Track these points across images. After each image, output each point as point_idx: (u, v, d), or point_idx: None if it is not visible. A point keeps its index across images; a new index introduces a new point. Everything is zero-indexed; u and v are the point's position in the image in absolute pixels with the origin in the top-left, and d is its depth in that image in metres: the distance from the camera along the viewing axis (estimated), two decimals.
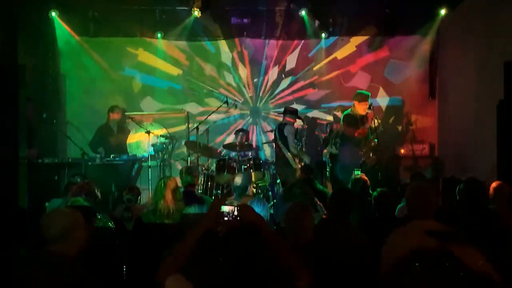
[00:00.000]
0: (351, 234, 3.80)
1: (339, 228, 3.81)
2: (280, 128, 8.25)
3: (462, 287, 1.32)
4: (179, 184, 5.93)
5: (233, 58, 9.76)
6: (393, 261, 3.37)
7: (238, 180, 5.91)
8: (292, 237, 3.31)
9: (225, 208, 2.58)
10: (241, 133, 8.75)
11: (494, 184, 4.65)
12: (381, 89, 9.70)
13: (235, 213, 2.54)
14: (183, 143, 9.12)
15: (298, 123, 8.43)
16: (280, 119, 8.56)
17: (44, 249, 2.90)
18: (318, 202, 5.36)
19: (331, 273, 3.19)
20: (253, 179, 7.91)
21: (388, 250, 3.26)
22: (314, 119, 9.75)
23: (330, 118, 9.42)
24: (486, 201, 4.38)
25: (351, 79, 9.71)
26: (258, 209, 4.05)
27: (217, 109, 9.01)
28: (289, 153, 8.04)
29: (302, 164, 7.79)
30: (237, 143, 8.48)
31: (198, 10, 8.66)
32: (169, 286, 2.45)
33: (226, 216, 2.57)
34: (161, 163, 8.61)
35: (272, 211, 6.80)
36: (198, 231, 2.57)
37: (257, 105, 9.90)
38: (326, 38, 9.48)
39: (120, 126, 8.97)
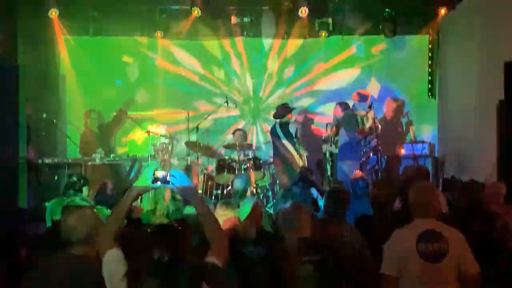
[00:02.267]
0: (348, 232, 3.82)
1: (335, 226, 3.84)
2: (284, 127, 8.29)
3: None
4: None
5: (233, 58, 9.75)
6: (396, 259, 3.37)
7: (237, 182, 5.93)
8: (290, 235, 3.32)
9: (159, 174, 2.63)
10: (238, 132, 8.78)
11: (490, 184, 4.66)
12: (381, 89, 9.70)
13: (168, 178, 2.62)
14: (183, 143, 9.12)
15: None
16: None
17: (67, 251, 2.89)
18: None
19: (327, 271, 3.20)
20: (253, 179, 7.93)
21: (390, 249, 3.29)
22: (313, 118, 9.76)
23: (329, 118, 9.41)
24: (483, 202, 4.38)
25: (351, 79, 9.71)
26: (248, 209, 4.05)
27: (217, 109, 9.01)
28: (294, 151, 8.10)
29: (302, 161, 7.84)
30: (236, 143, 8.49)
31: (198, 9, 8.65)
32: (107, 261, 2.52)
33: (160, 181, 2.62)
34: (161, 163, 8.60)
35: (271, 211, 6.81)
36: (130, 197, 2.71)
37: (257, 105, 9.89)
38: (326, 37, 9.47)
39: (100, 126, 8.93)
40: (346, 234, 3.84)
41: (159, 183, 2.63)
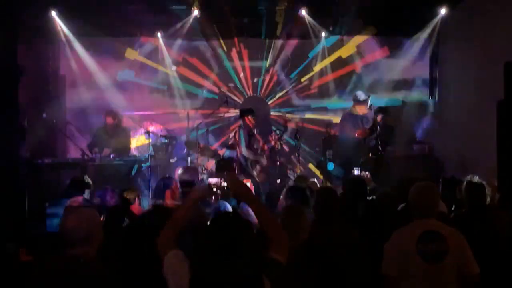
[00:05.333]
0: (343, 232, 3.80)
1: (331, 227, 3.82)
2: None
3: None
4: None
5: (232, 58, 9.75)
6: (396, 259, 3.37)
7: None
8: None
9: (212, 180, 2.84)
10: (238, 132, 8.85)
11: (489, 185, 4.66)
12: (381, 89, 9.70)
13: (223, 183, 2.81)
14: (183, 142, 9.12)
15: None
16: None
17: (65, 252, 2.87)
18: None
19: (326, 271, 3.20)
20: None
21: (390, 249, 3.29)
22: (313, 120, 9.77)
23: (329, 118, 9.42)
24: (484, 202, 4.38)
25: (351, 79, 9.71)
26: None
27: (217, 109, 9.01)
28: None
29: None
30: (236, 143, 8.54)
31: (197, 9, 8.66)
32: (168, 262, 2.55)
33: (214, 187, 2.82)
34: (161, 163, 8.60)
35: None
36: (189, 202, 2.77)
37: None
38: (327, 37, 9.48)
39: (116, 129, 8.89)
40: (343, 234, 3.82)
41: (215, 189, 2.82)
